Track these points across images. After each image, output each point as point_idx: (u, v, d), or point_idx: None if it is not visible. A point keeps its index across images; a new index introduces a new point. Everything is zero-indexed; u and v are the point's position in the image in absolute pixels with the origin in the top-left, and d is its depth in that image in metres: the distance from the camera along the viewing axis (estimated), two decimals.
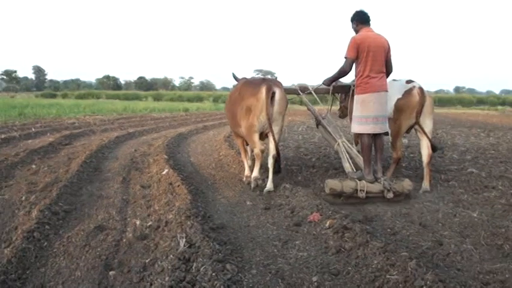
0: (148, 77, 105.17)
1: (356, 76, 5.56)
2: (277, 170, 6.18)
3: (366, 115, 5.42)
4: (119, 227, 4.44)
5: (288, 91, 6.55)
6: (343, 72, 5.66)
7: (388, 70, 5.63)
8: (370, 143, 5.50)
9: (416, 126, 5.91)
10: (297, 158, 8.35)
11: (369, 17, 5.59)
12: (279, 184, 6.00)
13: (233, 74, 6.85)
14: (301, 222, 4.54)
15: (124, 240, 4.07)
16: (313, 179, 6.65)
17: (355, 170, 5.70)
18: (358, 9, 5.63)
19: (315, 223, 4.40)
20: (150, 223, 4.44)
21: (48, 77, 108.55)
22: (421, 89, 5.78)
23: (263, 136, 6.04)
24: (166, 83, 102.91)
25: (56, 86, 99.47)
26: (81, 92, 73.90)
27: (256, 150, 5.92)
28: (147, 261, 3.51)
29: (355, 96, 5.59)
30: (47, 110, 22.33)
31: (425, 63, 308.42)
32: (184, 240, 3.60)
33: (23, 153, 8.23)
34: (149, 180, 6.53)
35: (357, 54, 5.36)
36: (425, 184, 5.89)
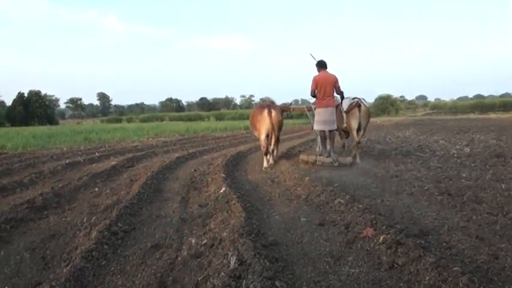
0: (210, 97, 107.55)
1: (316, 98, 9.44)
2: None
3: (320, 120, 9.35)
4: (175, 245, 4.57)
5: (298, 109, 12.55)
6: (311, 96, 9.63)
7: (339, 93, 9.38)
8: (324, 135, 9.49)
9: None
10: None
11: (326, 63, 9.28)
12: (333, 199, 5.96)
13: (260, 99, 10.09)
14: (355, 238, 4.45)
15: (179, 258, 4.19)
16: None
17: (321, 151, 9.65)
18: (319, 59, 9.31)
19: (368, 238, 4.32)
20: (205, 241, 4.53)
21: (113, 103, 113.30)
22: (358, 103, 9.33)
23: (269, 137, 9.70)
24: (227, 102, 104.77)
25: (120, 111, 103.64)
26: (145, 115, 76.59)
27: (262, 146, 9.85)
28: (199, 278, 3.59)
29: (316, 110, 9.48)
30: (111, 134, 23.23)
31: (489, 67, 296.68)
32: (235, 257, 3.65)
33: (86, 177, 8.64)
34: (207, 199, 6.67)
35: (316, 87, 9.15)
36: (357, 158, 9.64)
